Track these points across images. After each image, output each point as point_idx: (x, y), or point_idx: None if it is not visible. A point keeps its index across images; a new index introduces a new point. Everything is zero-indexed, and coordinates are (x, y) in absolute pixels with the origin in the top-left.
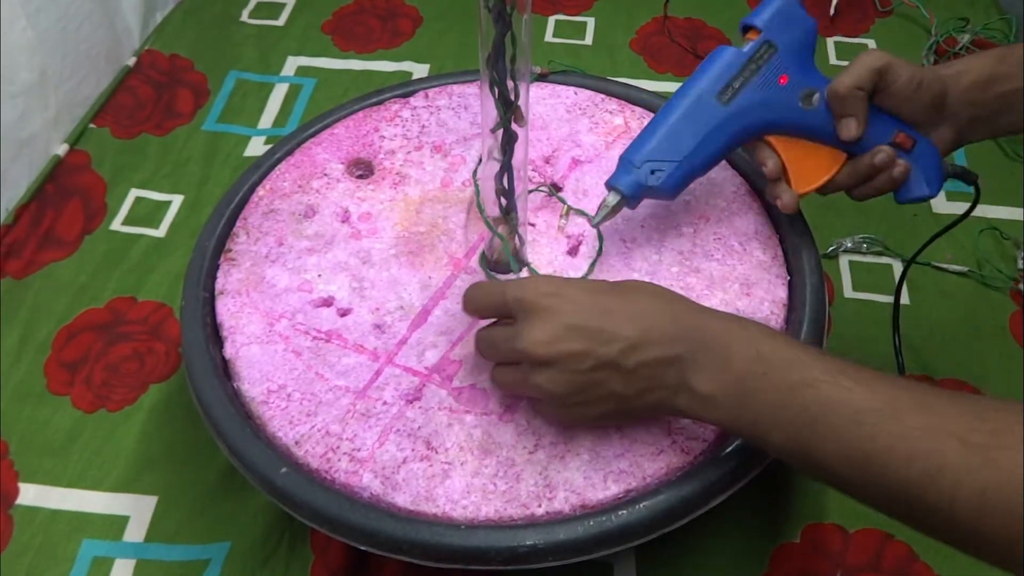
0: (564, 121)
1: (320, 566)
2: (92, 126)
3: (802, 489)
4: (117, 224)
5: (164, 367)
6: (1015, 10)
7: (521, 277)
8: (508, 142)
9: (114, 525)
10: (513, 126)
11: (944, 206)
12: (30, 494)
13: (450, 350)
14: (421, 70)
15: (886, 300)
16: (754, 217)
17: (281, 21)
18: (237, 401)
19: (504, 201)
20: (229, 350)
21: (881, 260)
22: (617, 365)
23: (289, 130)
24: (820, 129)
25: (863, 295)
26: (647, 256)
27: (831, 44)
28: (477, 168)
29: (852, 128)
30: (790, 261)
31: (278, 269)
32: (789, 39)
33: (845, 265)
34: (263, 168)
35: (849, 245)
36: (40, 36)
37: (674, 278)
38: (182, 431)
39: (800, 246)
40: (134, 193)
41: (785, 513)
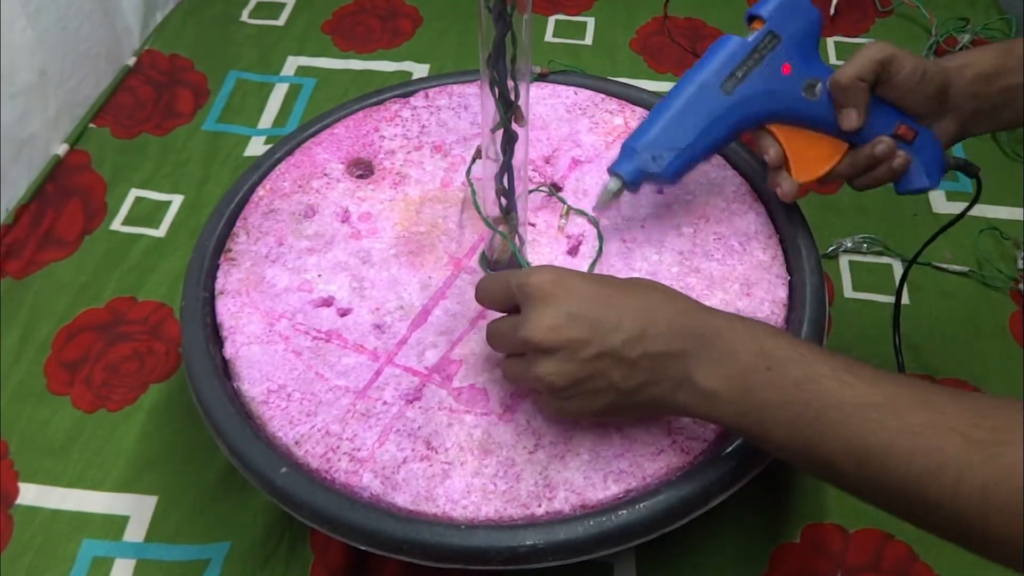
0: (564, 121)
1: (320, 566)
2: (92, 126)
3: (802, 489)
4: (117, 224)
5: (164, 367)
6: (1015, 10)
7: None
8: (508, 142)
9: (114, 525)
10: (513, 126)
11: (944, 206)
12: (30, 494)
13: (450, 350)
14: (421, 70)
15: (886, 300)
16: (754, 217)
17: (281, 21)
18: (237, 401)
19: (504, 201)
20: (229, 350)
21: (881, 260)
22: (619, 356)
23: (289, 130)
24: (822, 119)
25: (863, 295)
26: (647, 256)
27: (831, 44)
28: (470, 167)
29: (853, 119)
30: (790, 261)
31: (278, 269)
32: (793, 29)
33: (845, 265)
34: (263, 168)
35: (849, 245)
36: (40, 36)
37: (674, 278)
38: (182, 431)
39: (800, 246)
40: (134, 193)
41: (785, 513)
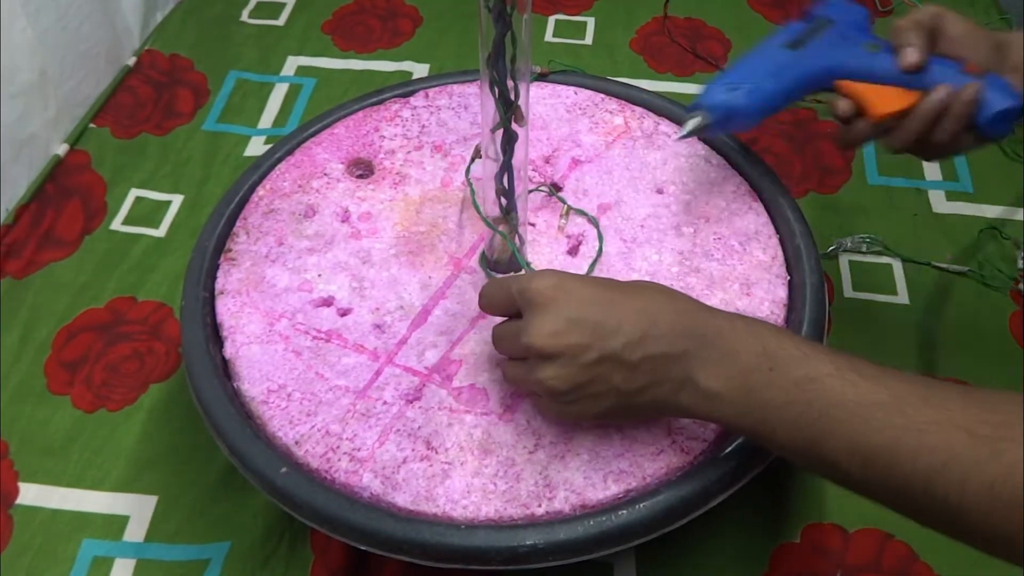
0: (564, 121)
1: (320, 566)
2: (92, 126)
3: (802, 489)
4: (117, 224)
5: (164, 367)
6: (1015, 10)
7: (522, 273)
8: (508, 142)
9: (114, 525)
10: (513, 126)
11: (944, 206)
12: (30, 494)
13: (450, 350)
14: (421, 70)
15: (886, 300)
16: (754, 217)
17: (281, 21)
18: (237, 401)
19: (504, 201)
20: (229, 350)
21: (881, 260)
22: (620, 359)
23: (289, 130)
24: (885, 72)
25: (863, 295)
26: (647, 256)
27: None
28: (469, 166)
29: (912, 55)
30: (790, 261)
31: (278, 269)
32: (845, 18)
33: (845, 265)
34: (263, 168)
35: (849, 245)
36: (40, 36)
37: (674, 278)
38: (182, 431)
39: (800, 246)
40: (134, 193)
41: (785, 513)
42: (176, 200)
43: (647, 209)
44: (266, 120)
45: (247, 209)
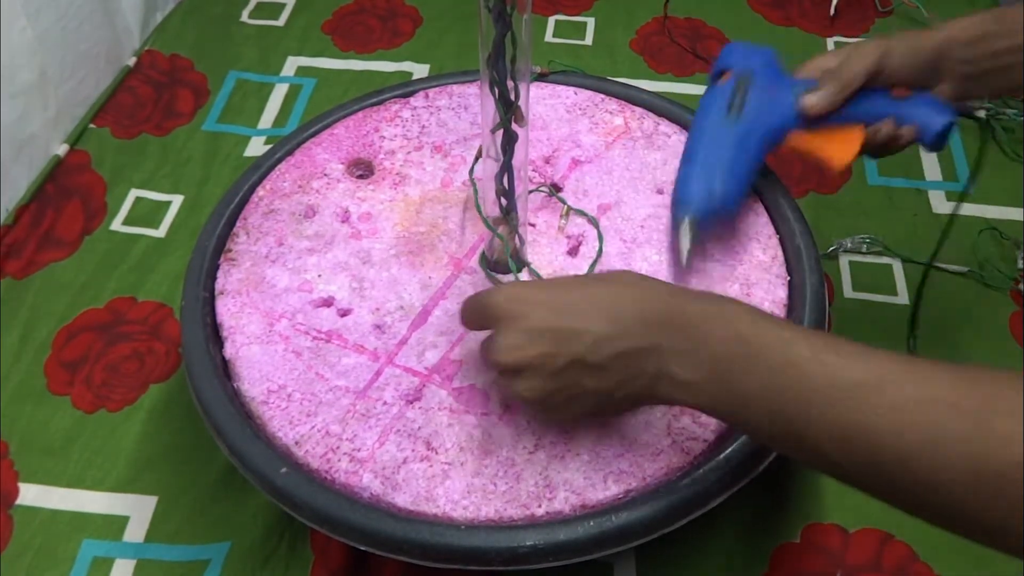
0: (564, 121)
1: (320, 566)
2: (92, 126)
3: (802, 489)
4: (117, 224)
5: (164, 367)
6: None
7: (508, 280)
8: (508, 142)
9: (114, 525)
10: (513, 126)
11: (944, 206)
12: (30, 494)
13: (450, 350)
14: (421, 70)
15: (886, 300)
16: (754, 217)
17: (281, 21)
18: (237, 401)
19: (504, 201)
20: (229, 350)
21: (881, 260)
22: (586, 362)
23: (289, 130)
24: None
25: (863, 295)
26: (647, 256)
27: (831, 44)
28: (473, 167)
29: (815, 106)
30: (790, 261)
31: (278, 269)
32: (758, 65)
33: (845, 265)
34: (263, 168)
35: (849, 245)
36: (40, 36)
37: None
38: (182, 431)
39: (800, 246)
40: (134, 193)
41: (785, 513)
42: (176, 200)
43: (647, 209)
44: (266, 120)
45: (247, 209)
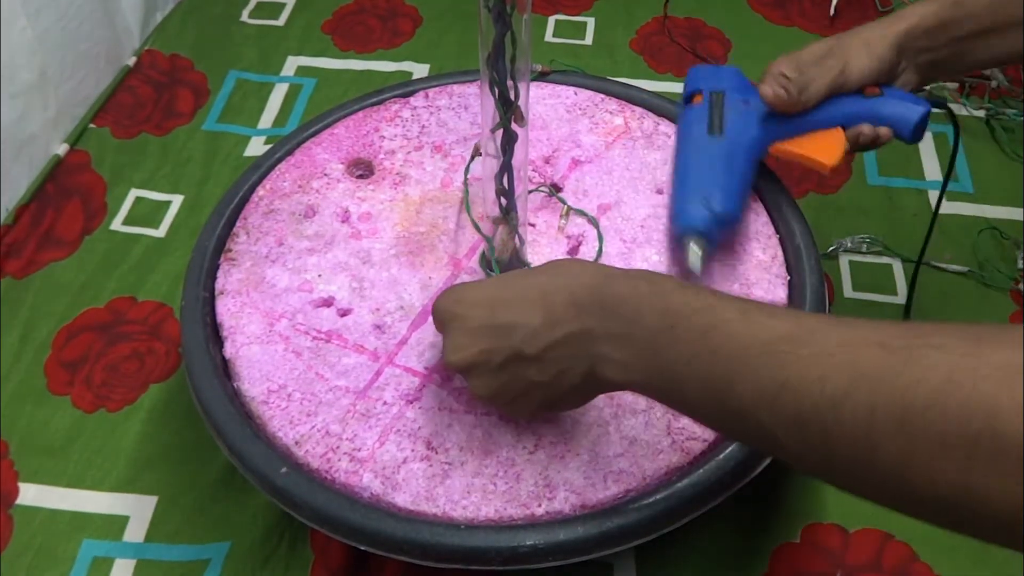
0: (564, 121)
1: (320, 566)
2: (92, 126)
3: (802, 488)
4: (117, 224)
5: (164, 367)
6: None
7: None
8: (508, 142)
9: (114, 525)
10: (513, 126)
11: (944, 206)
12: (30, 494)
13: None
14: (421, 70)
15: (886, 300)
16: (754, 217)
17: (281, 21)
18: (237, 401)
19: (504, 201)
20: (229, 350)
21: (881, 260)
22: (523, 355)
23: (289, 130)
24: (801, 122)
25: (863, 295)
26: (647, 256)
27: None
28: (468, 167)
29: (776, 99)
30: (790, 261)
31: (278, 269)
32: (728, 84)
33: (845, 265)
34: (263, 168)
35: (849, 245)
36: (40, 36)
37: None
38: (182, 431)
39: (800, 246)
40: (134, 193)
41: (785, 513)
42: (176, 200)
43: (647, 209)
44: (266, 120)
45: (247, 209)
